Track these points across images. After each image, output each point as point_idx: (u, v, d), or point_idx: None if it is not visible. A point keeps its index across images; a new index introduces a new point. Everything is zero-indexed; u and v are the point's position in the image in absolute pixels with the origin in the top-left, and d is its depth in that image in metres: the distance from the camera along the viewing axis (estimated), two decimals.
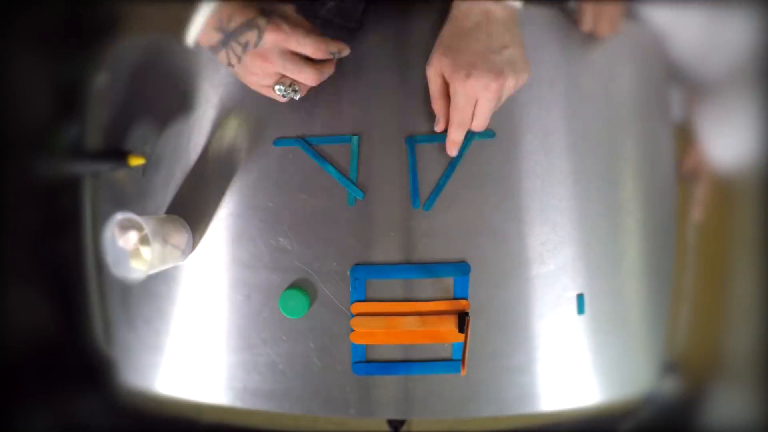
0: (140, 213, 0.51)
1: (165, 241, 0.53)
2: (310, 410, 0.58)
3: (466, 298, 0.57)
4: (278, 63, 0.49)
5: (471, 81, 0.46)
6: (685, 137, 0.59)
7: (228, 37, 0.48)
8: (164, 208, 0.59)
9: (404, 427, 0.90)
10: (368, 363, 0.57)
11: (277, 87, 0.51)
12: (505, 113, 0.56)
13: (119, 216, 0.51)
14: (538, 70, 0.59)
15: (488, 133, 0.58)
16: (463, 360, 0.54)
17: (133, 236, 0.52)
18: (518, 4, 0.47)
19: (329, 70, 0.53)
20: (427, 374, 0.57)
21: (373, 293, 0.58)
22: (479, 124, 0.51)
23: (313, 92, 0.56)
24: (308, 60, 0.50)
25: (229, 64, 0.50)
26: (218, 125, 0.59)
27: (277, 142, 0.58)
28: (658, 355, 0.59)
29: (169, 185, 0.59)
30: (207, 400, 0.59)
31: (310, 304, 0.57)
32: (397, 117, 0.58)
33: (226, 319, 0.59)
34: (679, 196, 0.60)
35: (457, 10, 0.49)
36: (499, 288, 0.58)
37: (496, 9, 0.46)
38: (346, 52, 0.52)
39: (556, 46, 0.60)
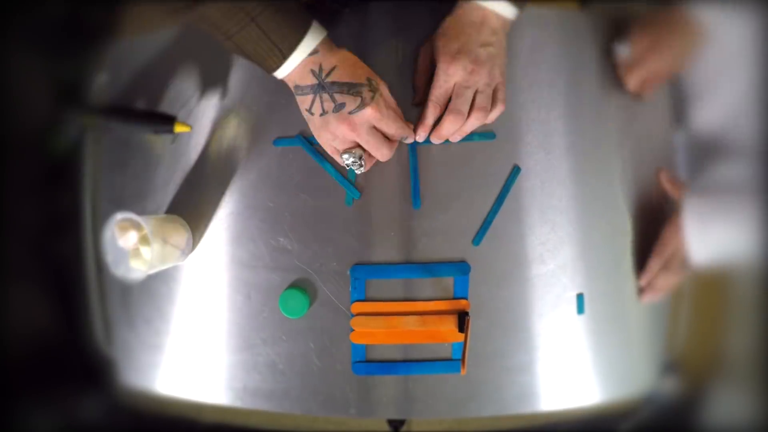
0: (140, 213, 0.51)
1: (165, 240, 0.53)
2: (310, 410, 0.58)
3: (466, 298, 0.57)
4: (363, 136, 0.49)
5: (453, 63, 0.52)
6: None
7: (323, 87, 0.48)
8: (164, 208, 0.59)
9: (404, 427, 0.90)
10: (368, 363, 0.57)
11: (345, 155, 0.52)
12: (506, 113, 0.56)
13: (119, 216, 0.51)
14: (538, 70, 0.59)
15: (489, 134, 0.58)
16: (463, 359, 0.54)
17: (133, 236, 0.52)
18: (510, 15, 0.52)
19: (395, 147, 0.54)
20: (426, 374, 0.57)
21: (373, 293, 0.58)
22: (454, 106, 0.53)
23: None
24: (386, 138, 0.52)
25: (309, 111, 0.50)
26: (218, 125, 0.59)
27: (277, 141, 0.58)
28: (658, 355, 0.59)
29: (169, 185, 0.59)
30: (207, 400, 0.59)
31: (310, 304, 0.57)
32: None
33: (226, 319, 0.59)
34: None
35: (461, 8, 0.53)
36: (499, 288, 0.58)
37: (492, 16, 0.52)
38: (412, 138, 0.55)
39: (556, 46, 0.60)
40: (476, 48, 0.52)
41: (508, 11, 0.52)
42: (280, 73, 0.49)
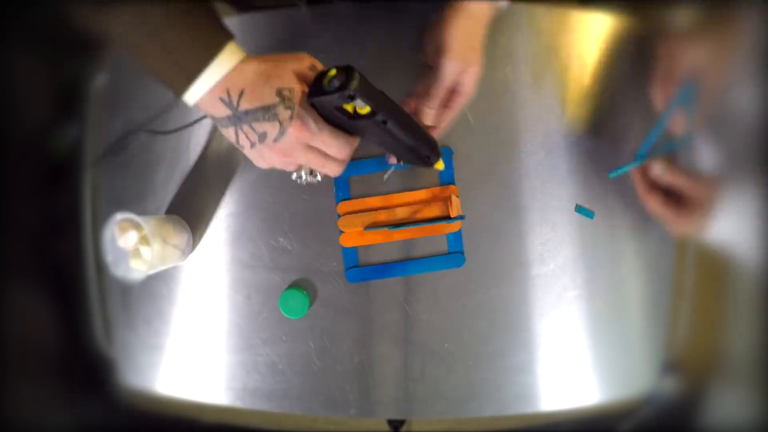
0: (140, 213, 0.51)
1: (165, 241, 0.53)
2: (310, 410, 0.58)
3: (453, 183, 0.56)
4: (301, 158, 0.43)
5: (457, 59, 0.50)
6: None
7: (239, 118, 0.41)
8: (164, 208, 0.59)
9: (404, 427, 0.90)
10: (362, 267, 0.57)
11: (295, 175, 0.48)
12: (506, 113, 0.56)
13: (119, 216, 0.51)
14: (539, 72, 0.59)
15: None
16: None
17: (132, 236, 0.52)
18: (504, 5, 0.52)
19: (348, 160, 0.46)
20: (425, 272, 0.57)
21: (358, 191, 0.57)
22: (455, 103, 0.52)
23: None
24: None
25: (238, 144, 0.43)
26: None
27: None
28: (658, 355, 0.59)
29: (169, 185, 0.59)
30: (207, 400, 0.59)
31: (310, 304, 0.57)
32: None
33: (226, 319, 0.59)
34: None
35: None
36: (499, 288, 0.58)
37: (492, 7, 0.51)
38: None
39: (554, 47, 0.60)
40: (478, 41, 0.52)
41: (503, 2, 0.52)
42: (189, 99, 0.41)
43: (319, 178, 0.49)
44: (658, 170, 0.55)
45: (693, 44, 0.54)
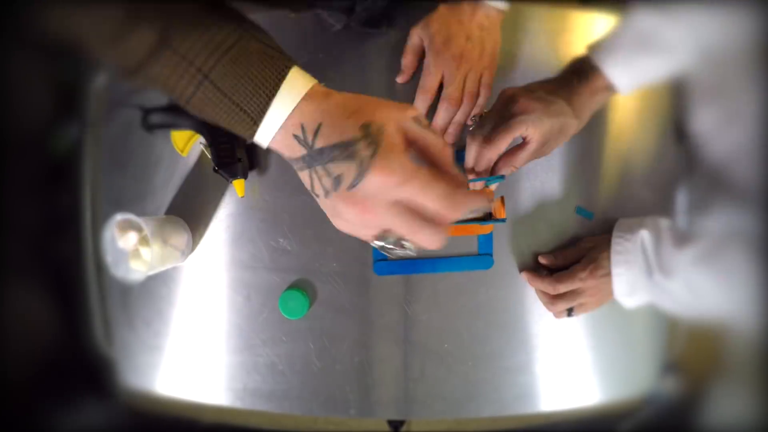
0: (140, 214, 0.51)
1: (165, 241, 0.53)
2: (310, 410, 0.58)
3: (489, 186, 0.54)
4: (384, 217, 0.32)
5: (442, 53, 0.52)
6: None
7: (312, 157, 0.33)
8: (164, 209, 0.59)
9: (404, 427, 0.90)
10: (390, 261, 0.56)
11: (378, 244, 0.35)
12: None
13: (119, 217, 0.51)
14: (539, 72, 0.59)
15: (499, 177, 0.53)
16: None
17: (132, 237, 0.52)
18: (501, 6, 0.53)
19: (454, 220, 0.33)
20: (453, 271, 0.57)
21: None
22: (445, 93, 0.54)
23: None
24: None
25: (314, 193, 0.35)
26: None
27: None
28: (658, 355, 0.59)
29: (168, 186, 0.59)
30: (207, 401, 0.59)
31: (310, 304, 0.57)
32: None
33: (225, 320, 0.59)
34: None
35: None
36: (499, 288, 0.58)
37: (483, 7, 0.53)
38: (485, 205, 0.34)
39: (555, 48, 0.60)
40: (463, 38, 0.53)
41: (500, 3, 0.53)
42: (262, 141, 0.35)
43: (411, 251, 0.35)
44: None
45: None
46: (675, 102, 0.59)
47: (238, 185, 0.57)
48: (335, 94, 0.34)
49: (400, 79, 0.59)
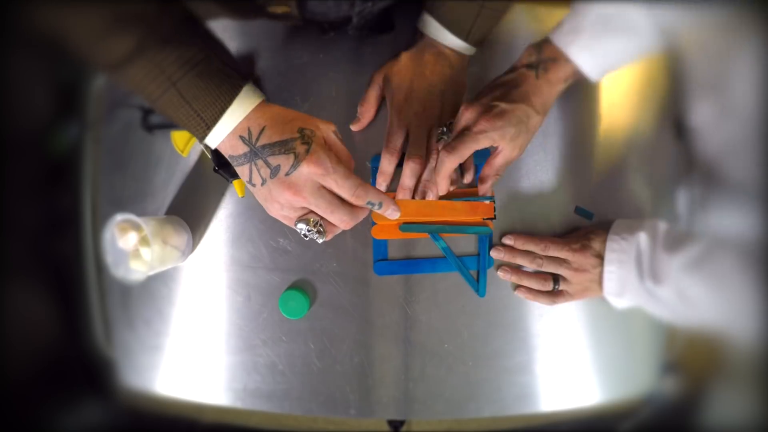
0: (140, 214, 0.51)
1: (165, 242, 0.53)
2: (310, 411, 0.58)
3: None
4: (310, 199, 0.41)
5: (404, 107, 0.54)
6: None
7: (255, 153, 0.41)
8: (164, 209, 0.59)
9: (404, 427, 0.90)
10: (390, 261, 0.57)
11: (299, 225, 0.44)
12: None
13: (119, 217, 0.51)
14: None
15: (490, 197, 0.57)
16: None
17: (132, 237, 0.52)
18: (466, 52, 0.55)
19: (362, 214, 0.45)
20: (453, 272, 0.57)
21: (395, 185, 0.56)
22: (409, 152, 0.54)
23: (312, 93, 0.56)
24: (343, 200, 0.43)
25: (251, 183, 0.44)
26: None
27: None
28: (658, 355, 0.59)
29: (168, 186, 0.59)
30: (207, 401, 0.59)
31: (310, 304, 0.57)
32: None
33: (225, 320, 0.59)
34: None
35: (418, 43, 0.56)
36: (499, 288, 0.58)
37: (447, 52, 0.55)
38: (388, 208, 0.44)
39: None
40: (425, 93, 0.54)
41: (465, 48, 0.54)
42: (211, 143, 0.43)
43: (324, 237, 0.45)
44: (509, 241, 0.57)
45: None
46: (674, 98, 0.59)
47: (238, 185, 0.57)
48: (276, 107, 0.43)
49: (354, 127, 0.58)
